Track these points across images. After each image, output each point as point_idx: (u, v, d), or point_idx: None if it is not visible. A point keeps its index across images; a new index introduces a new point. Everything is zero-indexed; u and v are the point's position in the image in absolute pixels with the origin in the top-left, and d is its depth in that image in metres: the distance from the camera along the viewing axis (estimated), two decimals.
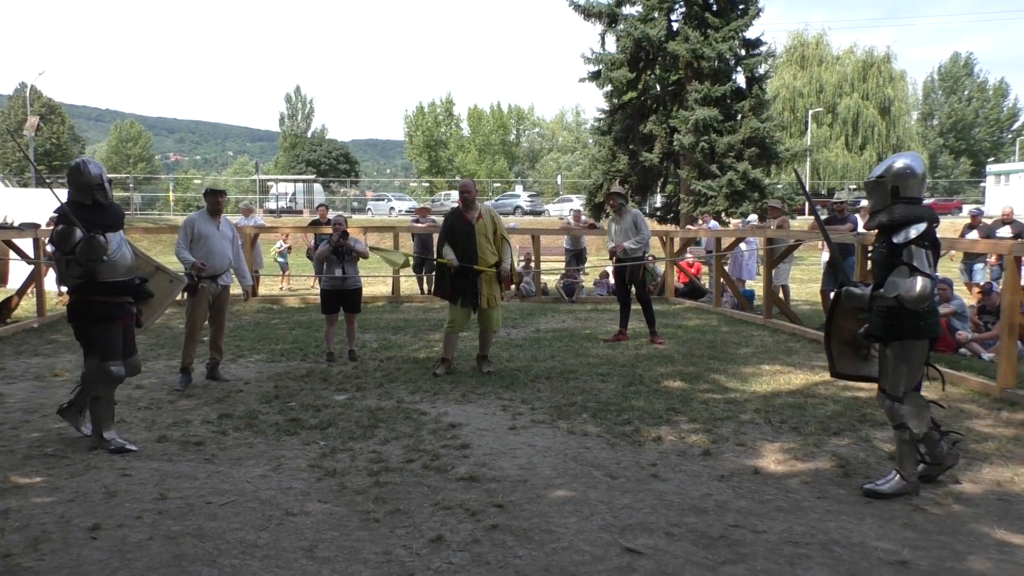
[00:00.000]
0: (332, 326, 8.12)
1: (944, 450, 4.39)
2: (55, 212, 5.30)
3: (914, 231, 4.04)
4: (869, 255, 6.06)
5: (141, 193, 49.65)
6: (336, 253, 7.95)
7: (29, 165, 43.11)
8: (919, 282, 3.96)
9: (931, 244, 4.07)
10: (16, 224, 12.07)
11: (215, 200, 7.20)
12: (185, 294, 7.03)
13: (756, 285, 13.15)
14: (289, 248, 17.54)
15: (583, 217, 19.36)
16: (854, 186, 52.56)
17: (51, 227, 10.45)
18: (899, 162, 4.27)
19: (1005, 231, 10.76)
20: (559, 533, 3.74)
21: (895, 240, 4.10)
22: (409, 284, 15.11)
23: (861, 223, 10.60)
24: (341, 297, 8.02)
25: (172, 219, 38.43)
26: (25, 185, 38.37)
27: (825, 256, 11.14)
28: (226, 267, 7.12)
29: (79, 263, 4.85)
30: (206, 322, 7.20)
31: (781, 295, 11.31)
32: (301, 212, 42.66)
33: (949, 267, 15.46)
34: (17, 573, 3.29)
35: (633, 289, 9.30)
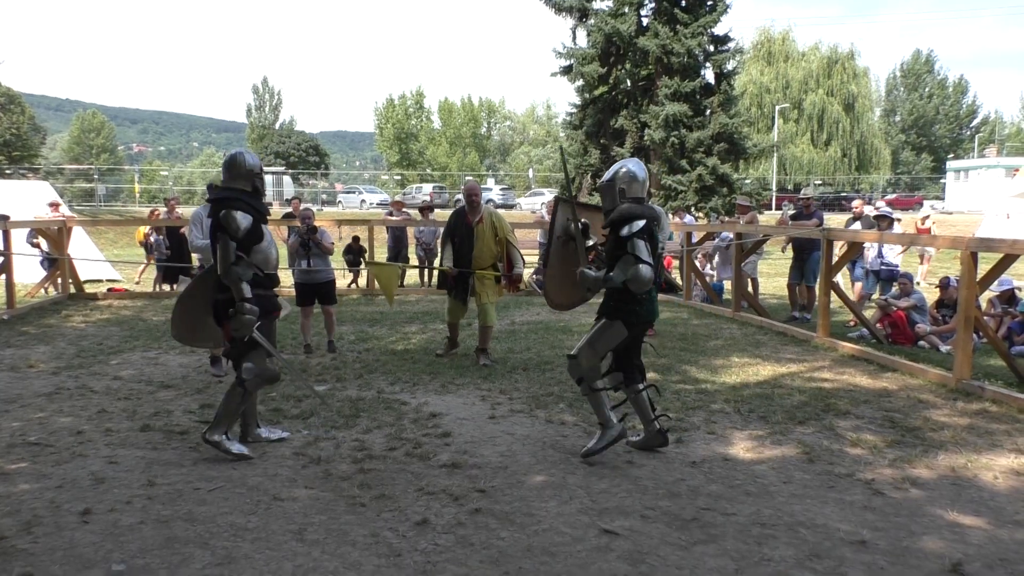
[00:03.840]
0: (307, 318, 8.21)
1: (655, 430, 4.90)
2: (210, 199, 4.83)
3: (636, 226, 4.56)
4: (793, 250, 6.30)
5: (105, 184, 48.81)
6: (303, 246, 8.05)
7: None
8: (640, 268, 4.52)
9: (649, 238, 4.61)
10: None
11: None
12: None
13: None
14: None
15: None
16: (819, 181, 53.46)
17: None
18: (624, 168, 4.82)
19: (856, 226, 11.20)
20: (540, 516, 3.90)
21: (622, 234, 4.60)
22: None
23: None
24: (314, 289, 8.12)
25: (138, 211, 37.89)
26: None
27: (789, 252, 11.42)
28: None
29: (248, 261, 4.66)
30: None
31: (750, 288, 11.58)
32: (271, 204, 42.30)
33: (909, 262, 15.92)
34: (13, 555, 3.37)
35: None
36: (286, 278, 9.35)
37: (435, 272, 11.90)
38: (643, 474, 4.52)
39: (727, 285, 12.68)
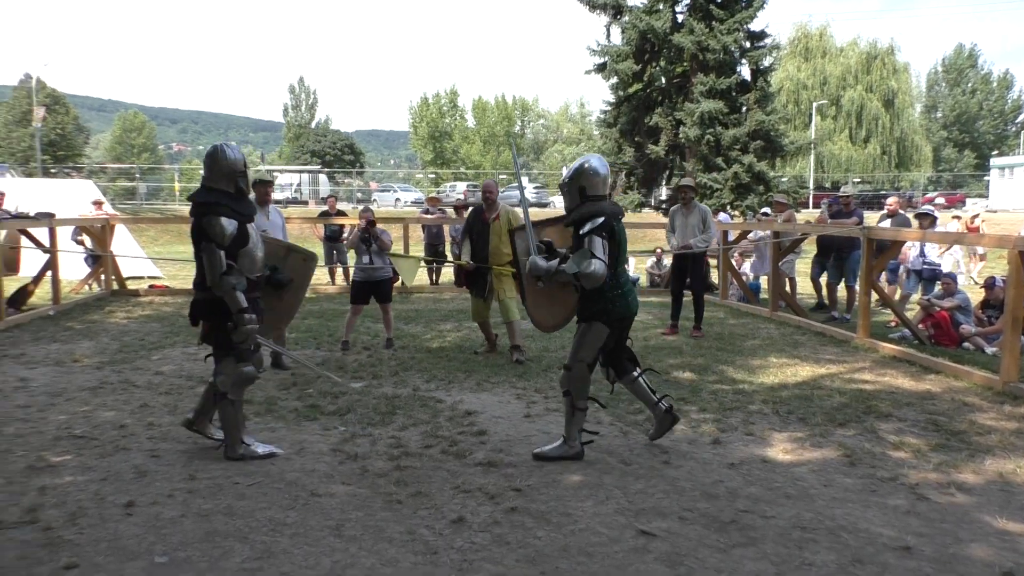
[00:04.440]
0: (355, 316, 8.29)
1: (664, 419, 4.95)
2: (191, 199, 4.64)
3: (595, 223, 4.52)
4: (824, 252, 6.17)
5: (146, 183, 49.73)
6: (364, 241, 8.13)
7: (35, 155, 43.25)
8: (593, 263, 4.46)
9: (609, 235, 4.56)
10: (31, 214, 12.20)
11: (263, 190, 7.35)
12: None
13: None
14: None
15: None
16: (858, 179, 52.58)
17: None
18: (585, 165, 4.73)
19: (885, 224, 10.94)
20: (576, 516, 3.88)
21: (581, 232, 4.56)
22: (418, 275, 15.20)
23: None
24: (372, 287, 8.19)
25: (178, 209, 38.52)
26: (31, 175, 38.54)
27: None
28: None
29: (238, 269, 4.54)
30: None
31: (787, 288, 11.43)
32: (306, 203, 42.76)
33: (951, 262, 15.56)
34: (59, 545, 3.44)
35: (690, 281, 9.36)
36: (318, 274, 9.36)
37: (447, 270, 11.98)
38: (680, 475, 4.47)
39: (764, 284, 12.54)
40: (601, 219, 4.54)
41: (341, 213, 15.44)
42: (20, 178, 30.25)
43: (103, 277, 12.82)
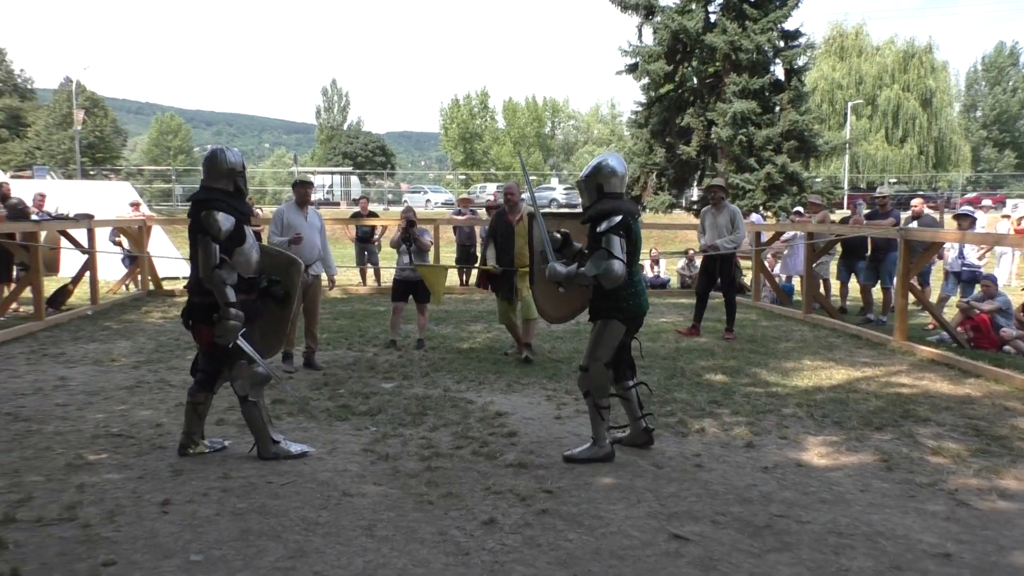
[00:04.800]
0: (398, 315, 8.38)
1: (642, 428, 4.91)
2: (190, 199, 4.67)
3: (613, 221, 4.49)
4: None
5: (182, 184, 50.47)
6: (404, 241, 8.19)
7: (75, 157, 44.13)
8: (613, 263, 4.45)
9: (626, 233, 4.53)
10: (71, 215, 12.44)
11: (303, 191, 7.41)
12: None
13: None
14: None
15: None
16: (894, 180, 51.73)
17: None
18: (603, 163, 4.73)
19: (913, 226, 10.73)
20: (608, 519, 3.85)
21: (598, 229, 4.53)
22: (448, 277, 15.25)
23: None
24: (411, 287, 8.26)
25: None
26: (70, 177, 39.32)
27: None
28: (316, 257, 7.29)
29: (230, 264, 4.51)
30: None
31: (821, 289, 11.27)
32: (338, 204, 43.13)
33: (992, 264, 15.23)
34: (97, 543, 3.49)
35: (720, 283, 9.29)
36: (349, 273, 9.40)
37: (474, 272, 11.96)
38: (713, 478, 4.43)
39: (797, 286, 12.38)
40: (619, 217, 4.52)
41: (373, 214, 15.54)
42: (60, 180, 30.87)
43: (140, 277, 13.05)
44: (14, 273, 10.23)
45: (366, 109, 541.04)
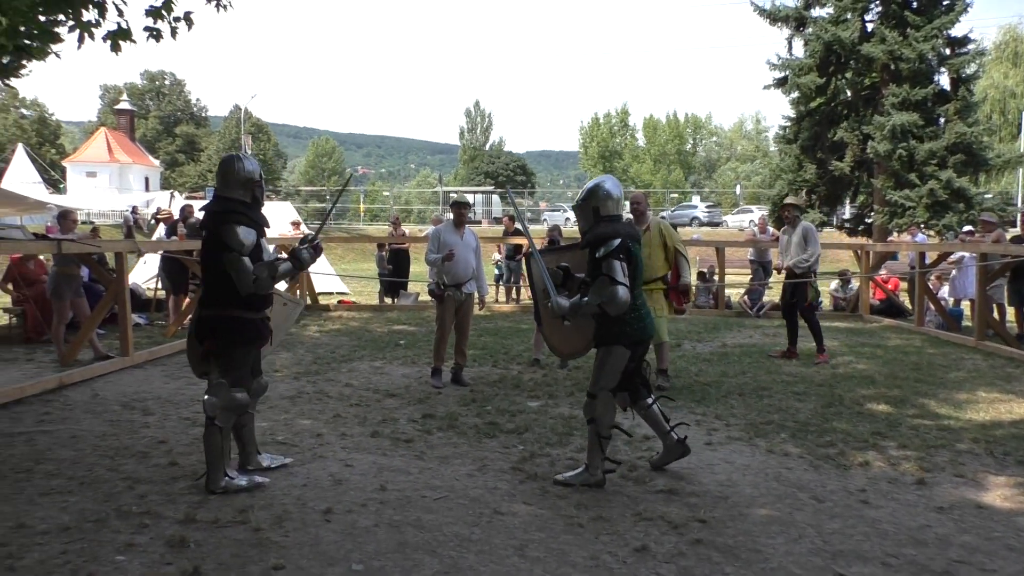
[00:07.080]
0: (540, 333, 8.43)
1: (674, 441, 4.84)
2: (204, 208, 4.50)
3: (611, 246, 4.40)
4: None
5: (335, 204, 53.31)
6: None
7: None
8: (618, 290, 4.35)
9: (626, 257, 4.42)
10: None
11: (460, 212, 7.63)
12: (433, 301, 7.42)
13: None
14: None
15: (769, 228, 17.59)
16: None
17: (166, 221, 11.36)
18: (598, 186, 4.65)
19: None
20: (767, 553, 3.68)
21: (596, 255, 4.44)
22: None
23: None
24: None
25: (363, 229, 40.88)
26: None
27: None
28: (470, 276, 7.49)
29: (260, 264, 4.35)
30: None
31: (995, 315, 10.41)
32: (480, 223, 44.04)
33: None
34: (267, 546, 3.69)
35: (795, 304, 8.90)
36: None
37: None
38: (881, 516, 4.15)
39: (967, 311, 11.49)
40: (617, 241, 4.43)
41: (516, 233, 15.73)
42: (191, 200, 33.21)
43: (298, 293, 13.82)
44: (190, 286, 11.09)
45: (507, 129, 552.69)
